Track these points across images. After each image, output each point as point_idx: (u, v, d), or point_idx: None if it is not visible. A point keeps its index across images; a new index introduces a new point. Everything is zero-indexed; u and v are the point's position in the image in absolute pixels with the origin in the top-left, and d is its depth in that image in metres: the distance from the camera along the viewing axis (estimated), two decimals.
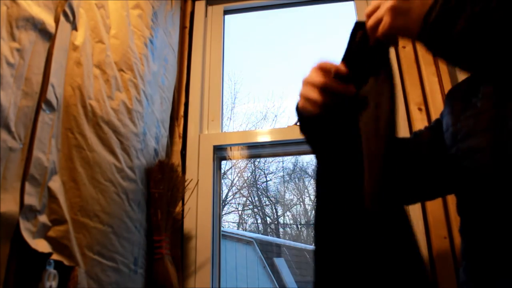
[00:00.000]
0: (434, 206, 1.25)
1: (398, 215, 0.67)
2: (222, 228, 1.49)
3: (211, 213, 1.40)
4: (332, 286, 0.68)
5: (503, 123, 0.61)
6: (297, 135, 1.59)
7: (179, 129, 1.49)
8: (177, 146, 1.45)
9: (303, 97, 0.76)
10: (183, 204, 1.37)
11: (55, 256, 0.74)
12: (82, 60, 0.91)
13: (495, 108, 0.63)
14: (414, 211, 1.28)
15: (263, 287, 3.34)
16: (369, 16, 0.69)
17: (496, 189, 0.60)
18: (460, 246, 0.69)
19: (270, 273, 3.32)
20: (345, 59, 0.74)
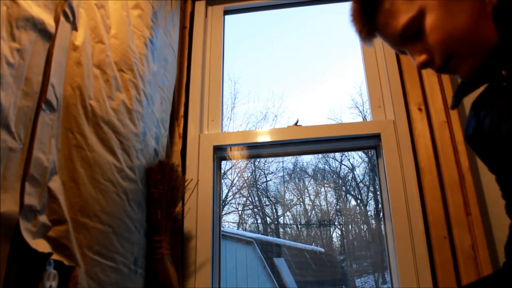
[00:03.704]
0: (434, 206, 1.25)
1: None
2: (222, 228, 1.49)
3: (211, 213, 1.40)
4: None
5: None
6: (297, 135, 1.58)
7: (179, 129, 1.48)
8: (177, 146, 1.45)
9: None
10: (183, 204, 1.37)
11: (55, 256, 0.74)
12: (82, 60, 0.91)
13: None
14: (414, 210, 1.28)
15: (263, 287, 3.33)
16: None
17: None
18: None
19: (270, 273, 3.32)
20: None
